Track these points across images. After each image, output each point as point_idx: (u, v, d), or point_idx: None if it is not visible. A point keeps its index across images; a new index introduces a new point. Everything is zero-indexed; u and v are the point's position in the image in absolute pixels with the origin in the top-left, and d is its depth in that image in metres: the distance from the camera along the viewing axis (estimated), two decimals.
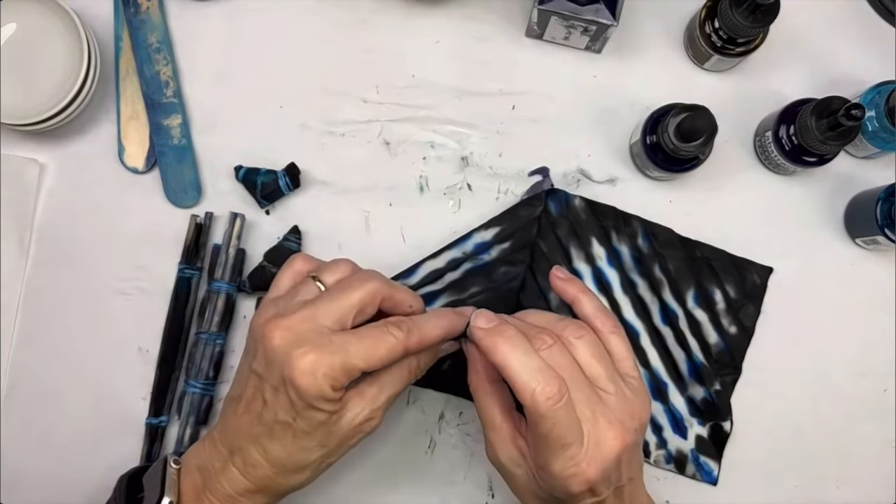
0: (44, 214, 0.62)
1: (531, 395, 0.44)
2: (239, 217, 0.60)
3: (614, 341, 0.50)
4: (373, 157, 0.63)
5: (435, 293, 0.60)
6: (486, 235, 0.61)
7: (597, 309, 0.51)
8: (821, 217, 0.64)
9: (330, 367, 0.45)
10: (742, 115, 0.63)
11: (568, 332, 0.48)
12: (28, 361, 0.61)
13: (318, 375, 0.45)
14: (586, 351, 0.47)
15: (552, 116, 0.64)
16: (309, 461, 0.49)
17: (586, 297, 0.51)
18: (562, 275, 0.53)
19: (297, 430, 0.47)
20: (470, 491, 0.61)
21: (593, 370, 0.47)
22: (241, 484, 0.49)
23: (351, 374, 0.46)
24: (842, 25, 0.65)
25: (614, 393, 0.47)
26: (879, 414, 0.63)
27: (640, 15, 0.64)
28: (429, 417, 0.62)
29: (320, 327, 0.47)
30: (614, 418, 0.46)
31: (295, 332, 0.46)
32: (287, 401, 0.46)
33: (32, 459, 0.60)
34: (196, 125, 0.63)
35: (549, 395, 0.44)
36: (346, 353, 0.46)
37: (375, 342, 0.47)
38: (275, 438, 0.48)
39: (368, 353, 0.46)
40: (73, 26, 0.58)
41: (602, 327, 0.50)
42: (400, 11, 0.64)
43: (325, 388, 0.45)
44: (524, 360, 0.45)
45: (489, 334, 0.46)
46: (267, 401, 0.47)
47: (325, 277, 0.50)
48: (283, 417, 0.47)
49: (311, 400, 0.46)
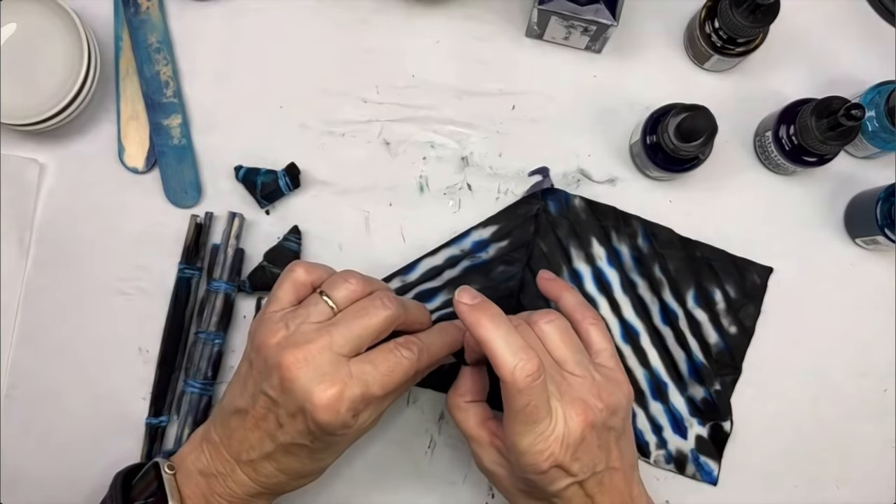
0: (44, 214, 0.62)
1: (512, 370, 0.45)
2: (237, 217, 0.60)
3: (593, 332, 0.52)
4: (373, 157, 0.63)
5: (433, 290, 0.61)
6: (485, 233, 0.61)
7: (577, 303, 0.53)
8: (821, 217, 0.64)
9: (352, 400, 0.46)
10: (742, 115, 0.63)
11: (537, 317, 0.50)
12: (28, 361, 0.61)
13: (341, 411, 0.46)
14: (555, 335, 0.49)
15: (552, 116, 0.64)
16: (323, 468, 0.52)
17: (568, 293, 0.54)
18: (547, 276, 0.57)
19: (313, 450, 0.49)
20: (470, 491, 0.61)
21: (560, 353, 0.49)
22: (251, 488, 0.50)
23: (370, 401, 0.48)
24: (842, 25, 0.65)
25: (580, 375, 0.48)
26: (879, 414, 0.62)
27: (640, 15, 0.64)
28: (429, 417, 0.61)
29: (338, 358, 0.47)
30: (577, 397, 0.47)
31: (314, 364, 0.46)
32: (305, 429, 0.47)
33: (32, 459, 0.60)
34: (196, 125, 0.63)
35: (528, 372, 0.45)
36: (366, 385, 0.47)
37: (391, 368, 0.48)
38: (290, 454, 0.49)
39: (386, 381, 0.48)
40: (73, 26, 0.58)
41: (582, 319, 0.52)
42: (400, 11, 0.64)
43: (347, 420, 0.47)
44: (506, 337, 0.46)
45: (473, 310, 0.47)
46: (283, 424, 0.48)
47: (334, 294, 0.49)
48: (299, 441, 0.48)
49: (333, 431, 0.47)
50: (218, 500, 0.50)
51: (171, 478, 0.50)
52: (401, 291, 0.61)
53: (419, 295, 0.60)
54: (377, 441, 0.61)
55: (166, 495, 0.49)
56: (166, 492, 0.49)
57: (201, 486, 0.50)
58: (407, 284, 0.60)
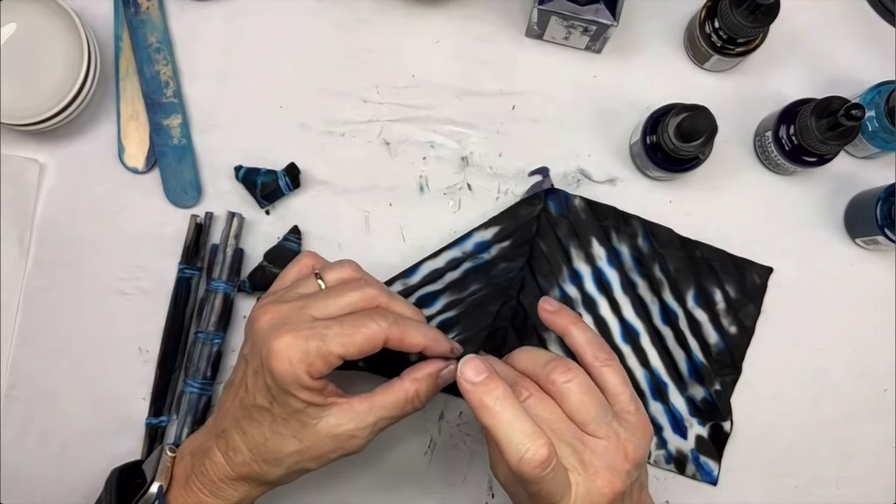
0: (44, 214, 0.62)
1: (518, 461, 0.42)
2: (237, 217, 0.60)
3: (608, 375, 0.48)
4: (373, 157, 0.63)
5: (435, 293, 0.60)
6: (486, 235, 0.61)
7: (588, 341, 0.49)
8: (821, 217, 0.64)
9: (305, 351, 0.45)
10: (742, 115, 0.63)
11: (556, 375, 0.46)
12: (28, 361, 0.61)
13: (293, 360, 0.45)
14: (575, 396, 0.45)
15: (552, 116, 0.64)
16: (284, 453, 0.48)
17: (577, 328, 0.50)
18: (550, 307, 0.51)
19: (275, 416, 0.47)
20: (470, 491, 0.61)
21: (582, 415, 0.45)
22: (223, 469, 0.49)
23: (328, 359, 0.45)
24: (842, 25, 0.65)
25: (605, 437, 0.45)
26: (879, 414, 0.63)
27: (640, 15, 0.64)
28: (429, 417, 0.62)
29: (306, 316, 0.46)
30: (603, 465, 0.44)
31: (280, 315, 0.46)
32: (264, 385, 0.46)
33: (32, 459, 0.60)
34: (196, 125, 0.63)
35: (537, 463, 0.42)
36: (324, 338, 0.45)
37: (355, 328, 0.46)
38: (254, 422, 0.48)
39: (347, 339, 0.45)
40: (73, 26, 0.58)
41: (593, 361, 0.48)
42: (400, 11, 0.64)
43: (300, 373, 0.45)
44: (512, 422, 0.42)
45: (476, 390, 0.43)
46: (248, 384, 0.48)
47: (327, 276, 0.51)
48: (260, 402, 0.47)
49: (285, 384, 0.45)
50: (195, 481, 0.50)
51: (169, 459, 0.51)
52: (402, 295, 0.60)
53: (421, 298, 0.60)
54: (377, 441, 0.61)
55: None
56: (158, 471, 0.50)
57: (186, 467, 0.50)
58: (408, 287, 0.60)
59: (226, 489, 0.49)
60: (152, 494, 0.50)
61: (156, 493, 0.50)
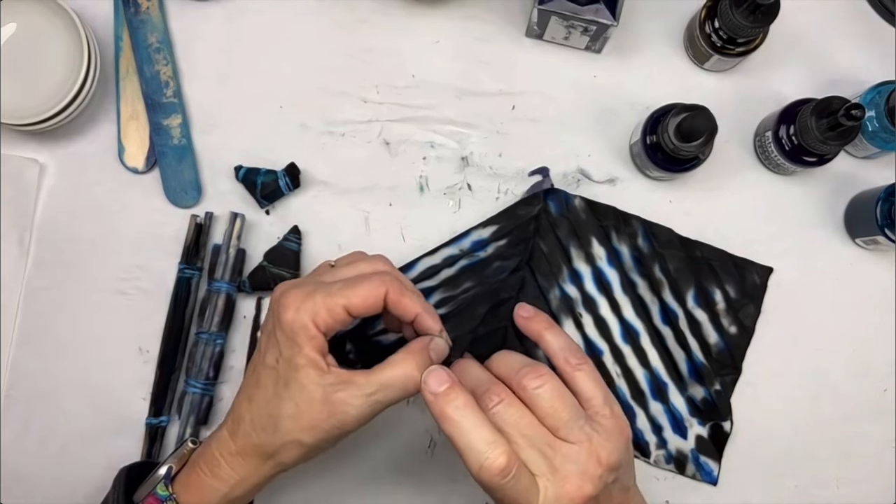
0: (44, 214, 0.62)
1: (478, 469, 0.43)
2: (239, 217, 0.60)
3: (580, 379, 0.47)
4: (373, 157, 0.63)
5: (429, 289, 0.60)
6: (484, 233, 0.61)
7: (561, 347, 0.49)
8: (821, 217, 0.64)
9: (313, 301, 0.47)
10: (742, 115, 0.63)
11: (527, 381, 0.46)
12: (28, 361, 0.61)
13: (300, 309, 0.47)
14: (546, 401, 0.45)
15: (552, 116, 0.64)
16: (280, 416, 0.47)
17: (550, 333, 0.50)
18: (524, 313, 0.52)
19: (279, 374, 0.48)
20: (470, 491, 0.61)
21: (554, 420, 0.45)
22: (225, 445, 0.50)
23: (333, 311, 0.47)
24: (842, 25, 0.65)
25: (576, 441, 0.45)
26: (879, 414, 0.63)
27: (640, 15, 0.64)
28: (429, 417, 0.61)
29: (317, 281, 0.49)
30: (574, 470, 0.44)
31: (295, 283, 0.49)
32: (275, 341, 0.48)
33: (32, 459, 0.60)
34: (196, 125, 0.63)
35: (496, 471, 0.43)
36: (329, 291, 0.47)
37: (358, 281, 0.48)
38: (259, 385, 0.49)
39: (351, 290, 0.47)
40: (73, 26, 0.58)
41: (565, 366, 0.48)
42: (400, 11, 0.64)
43: (306, 322, 0.46)
44: (472, 432, 0.43)
45: (437, 400, 0.45)
46: (261, 347, 0.49)
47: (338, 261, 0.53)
48: (269, 360, 0.48)
49: (291, 334, 0.47)
50: (199, 460, 0.50)
51: (188, 449, 0.52)
52: None
53: None
54: (377, 441, 0.61)
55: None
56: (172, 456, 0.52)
57: (198, 452, 0.51)
58: None
59: (224, 467, 0.49)
60: (160, 476, 0.50)
61: (163, 473, 0.50)
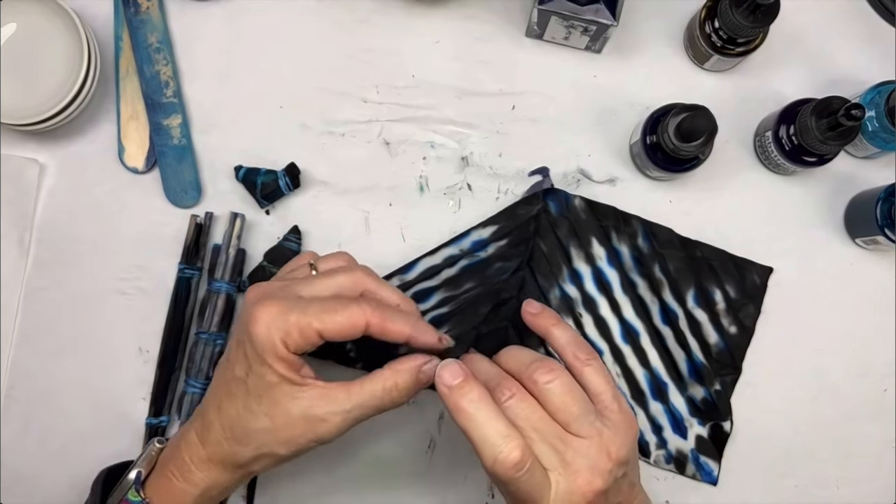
0: (44, 214, 0.62)
1: (493, 463, 0.43)
2: (239, 217, 0.60)
3: (589, 374, 0.48)
4: (373, 157, 0.63)
5: (430, 289, 0.60)
6: (484, 233, 0.61)
7: (569, 342, 0.49)
8: (821, 217, 0.64)
9: (284, 320, 0.45)
10: (742, 115, 0.63)
11: (538, 376, 0.46)
12: (28, 361, 0.61)
13: (271, 327, 0.45)
14: (557, 396, 0.45)
15: (552, 116, 0.64)
16: (254, 430, 0.47)
17: (558, 329, 0.50)
18: (532, 309, 0.52)
19: (249, 389, 0.47)
20: (470, 491, 0.61)
21: (564, 415, 0.45)
22: (195, 449, 0.49)
23: (305, 332, 0.45)
24: (842, 25, 0.65)
25: (587, 436, 0.45)
26: (879, 414, 0.63)
27: (640, 15, 0.64)
28: (429, 417, 0.61)
29: (293, 293, 0.47)
30: (584, 464, 0.45)
31: (269, 290, 0.48)
32: (243, 354, 0.47)
33: (32, 459, 0.60)
34: (196, 125, 0.63)
35: (510, 465, 0.43)
36: (304, 311, 0.45)
37: (337, 307, 0.46)
38: (230, 395, 0.48)
39: (328, 316, 0.45)
40: (73, 26, 0.58)
41: (574, 361, 0.48)
42: (400, 11, 0.64)
43: (276, 341, 0.45)
44: (487, 423, 0.43)
45: (452, 393, 0.44)
46: (230, 357, 0.48)
47: (319, 265, 0.51)
48: (238, 372, 0.47)
49: (261, 351, 0.45)
50: (170, 465, 0.49)
51: (155, 450, 0.51)
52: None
53: (416, 294, 0.60)
54: (377, 441, 0.61)
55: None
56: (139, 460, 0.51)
57: (166, 454, 0.51)
58: (405, 283, 0.60)
59: (195, 472, 0.49)
60: (130, 480, 0.50)
61: (133, 478, 0.50)
